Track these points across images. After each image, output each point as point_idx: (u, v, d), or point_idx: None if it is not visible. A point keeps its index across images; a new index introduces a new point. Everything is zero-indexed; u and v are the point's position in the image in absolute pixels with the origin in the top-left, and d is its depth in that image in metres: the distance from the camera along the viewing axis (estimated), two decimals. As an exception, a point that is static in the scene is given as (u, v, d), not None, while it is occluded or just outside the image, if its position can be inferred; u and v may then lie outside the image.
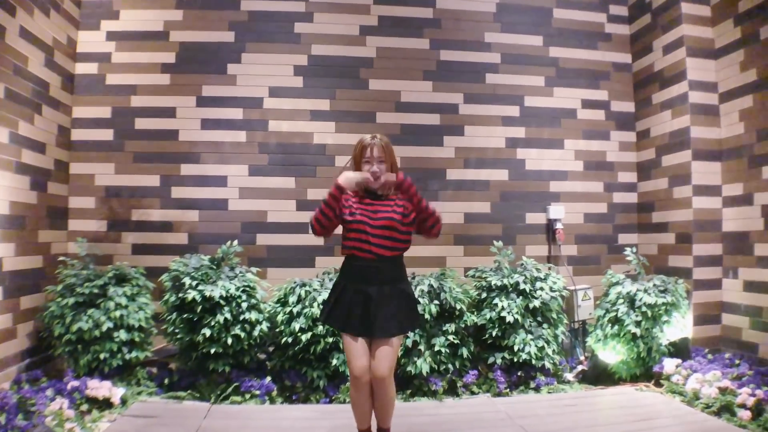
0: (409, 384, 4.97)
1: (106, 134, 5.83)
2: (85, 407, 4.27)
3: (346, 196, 3.45)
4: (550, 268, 5.63)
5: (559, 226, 6.24)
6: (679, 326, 5.28)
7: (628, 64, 6.69)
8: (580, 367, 5.54)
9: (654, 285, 5.32)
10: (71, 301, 4.76)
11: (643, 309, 5.13)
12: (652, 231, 6.39)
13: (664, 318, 5.17)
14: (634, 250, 5.65)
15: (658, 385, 5.14)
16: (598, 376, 5.37)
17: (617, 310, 5.25)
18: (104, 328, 4.70)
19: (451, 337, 4.97)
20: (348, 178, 3.36)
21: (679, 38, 5.92)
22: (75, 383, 4.40)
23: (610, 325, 5.28)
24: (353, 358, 3.30)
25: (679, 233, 5.95)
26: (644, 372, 5.28)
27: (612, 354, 5.26)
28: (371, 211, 3.39)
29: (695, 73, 5.87)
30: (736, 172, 5.67)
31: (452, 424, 4.32)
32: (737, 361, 5.18)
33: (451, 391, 4.99)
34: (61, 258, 5.20)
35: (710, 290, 5.78)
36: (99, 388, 4.40)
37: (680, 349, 5.32)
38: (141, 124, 5.86)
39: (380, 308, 3.31)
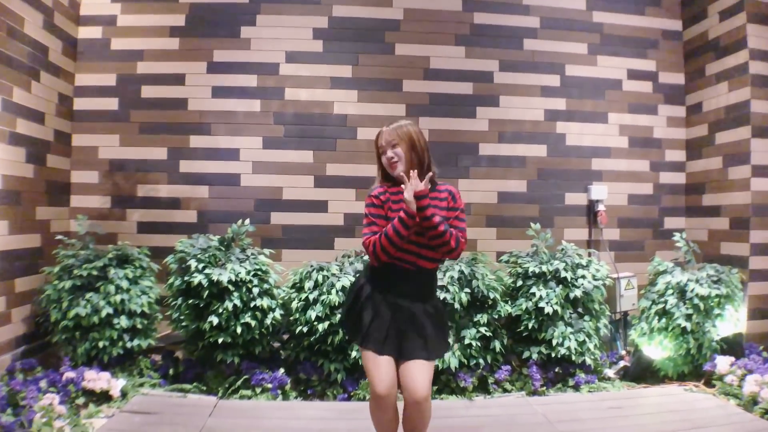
0: (436, 380, 4.54)
1: (111, 103, 5.49)
2: (81, 400, 4.02)
3: (385, 197, 2.93)
4: (590, 254, 5.20)
5: (601, 207, 5.78)
6: (733, 320, 4.91)
7: (678, 32, 6.17)
8: (621, 363, 5.14)
9: (707, 275, 4.91)
10: (68, 284, 4.43)
11: (695, 301, 4.74)
12: (702, 215, 5.91)
13: (717, 311, 4.80)
14: (684, 235, 5.23)
15: (708, 385, 4.75)
16: (642, 373, 5.01)
17: (665, 302, 4.85)
18: (103, 314, 4.38)
19: (483, 329, 4.53)
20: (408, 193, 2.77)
21: (739, 2, 5.42)
22: (71, 374, 4.11)
23: (657, 317, 4.88)
24: (377, 373, 2.78)
25: (735, 218, 5.47)
26: (692, 370, 4.90)
27: (658, 349, 4.88)
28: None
29: (757, 41, 5.35)
30: (801, 150, 5.18)
31: (485, 427, 3.90)
32: (796, 360, 4.76)
33: (482, 387, 4.60)
34: (58, 237, 4.83)
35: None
36: (97, 380, 4.11)
37: (733, 346, 4.94)
38: (148, 92, 5.52)
39: (415, 327, 2.86)
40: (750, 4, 5.36)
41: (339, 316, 4.31)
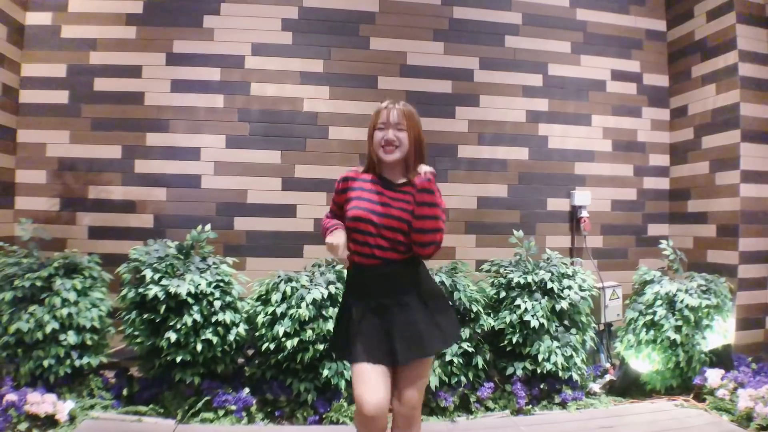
0: (414, 400, 4.25)
1: (61, 96, 5.14)
2: (23, 426, 3.68)
3: (347, 183, 2.80)
4: (573, 263, 4.97)
5: (584, 213, 5.58)
6: (722, 332, 4.78)
7: (662, 32, 6.04)
8: (607, 377, 4.92)
9: (697, 285, 4.76)
10: (9, 295, 4.04)
11: (685, 312, 4.57)
12: (686, 222, 5.75)
13: (707, 323, 4.66)
14: (670, 243, 5.06)
15: (698, 399, 4.61)
16: (628, 387, 4.84)
17: (654, 313, 4.68)
18: (48, 329, 3.99)
19: (464, 345, 4.26)
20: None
21: (728, 2, 5.30)
22: (12, 397, 3.76)
23: (645, 329, 4.69)
24: (366, 391, 2.51)
25: (722, 225, 5.33)
26: (681, 383, 4.75)
27: (646, 363, 4.70)
28: (378, 203, 2.67)
29: (747, 42, 5.24)
30: (792, 156, 5.05)
31: (469, 454, 3.59)
32: (786, 372, 4.65)
33: (464, 406, 4.33)
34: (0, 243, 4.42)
35: (756, 290, 5.20)
36: (41, 402, 3.77)
37: (722, 358, 4.82)
38: (101, 85, 5.16)
39: (406, 323, 2.62)
40: (739, 4, 5.25)
41: (310, 333, 4.00)
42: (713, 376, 4.56)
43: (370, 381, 2.50)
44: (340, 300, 2.87)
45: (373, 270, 2.65)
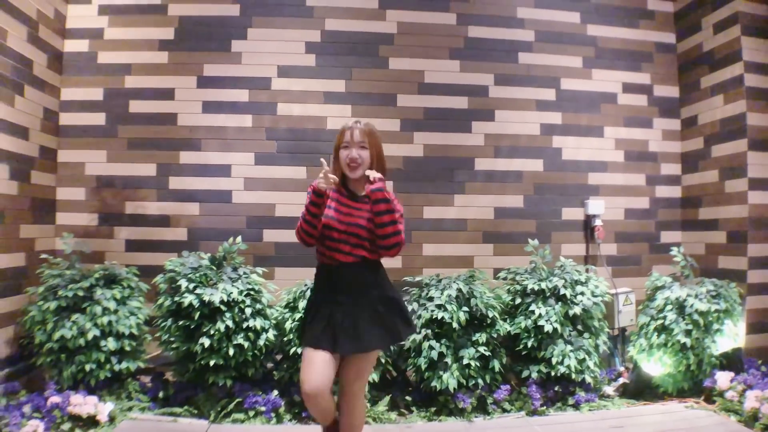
0: (434, 401, 4.47)
1: (98, 118, 5.38)
2: (67, 426, 3.88)
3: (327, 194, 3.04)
4: (588, 270, 5.13)
5: (598, 222, 5.72)
6: (732, 335, 4.87)
7: (672, 45, 6.16)
8: (620, 380, 5.05)
9: (707, 290, 4.86)
10: (53, 305, 4.28)
11: (695, 317, 4.69)
12: (698, 229, 5.86)
13: (717, 327, 4.76)
14: (681, 249, 5.18)
15: (709, 401, 4.71)
16: (641, 390, 4.94)
17: (665, 318, 4.79)
18: (90, 336, 4.22)
19: (481, 349, 4.44)
20: (320, 178, 2.93)
21: (733, 15, 5.41)
22: (56, 399, 3.96)
23: (656, 333, 4.82)
24: (309, 371, 2.81)
25: (732, 231, 5.43)
26: (692, 386, 4.85)
27: (657, 366, 4.82)
28: (342, 213, 3.02)
29: (752, 53, 5.34)
30: (798, 163, 5.15)
31: (486, 451, 3.79)
32: (796, 376, 4.71)
33: (481, 408, 4.49)
34: (43, 256, 4.70)
35: (766, 295, 5.28)
36: (83, 404, 3.97)
37: (732, 361, 4.92)
38: (136, 107, 5.42)
39: (351, 319, 2.90)
40: (744, 16, 5.34)
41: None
42: (723, 379, 4.64)
43: (313, 364, 2.80)
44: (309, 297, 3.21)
45: (333, 270, 2.98)
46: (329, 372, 2.82)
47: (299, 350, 4.23)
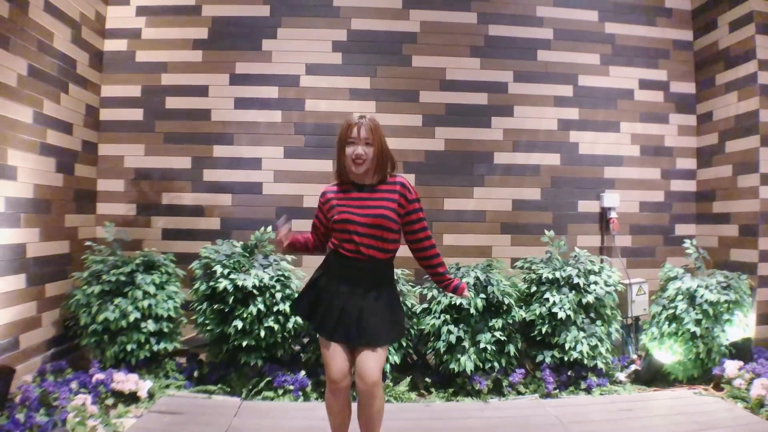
0: (452, 382, 4.70)
1: (136, 114, 5.67)
2: (110, 401, 4.15)
3: (327, 197, 3.14)
4: (602, 260, 5.30)
5: (613, 215, 5.89)
6: (741, 325, 4.98)
7: (689, 42, 6.26)
8: (632, 367, 5.21)
9: (717, 281, 4.99)
10: (97, 289, 4.59)
11: (704, 307, 4.82)
12: (712, 222, 6.00)
13: (726, 317, 4.88)
14: (694, 242, 5.31)
15: (717, 388, 4.84)
16: (652, 377, 5.09)
17: (676, 307, 4.93)
18: (131, 318, 4.53)
19: (497, 334, 4.65)
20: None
21: (748, 14, 5.52)
22: (100, 376, 4.25)
23: (667, 322, 4.96)
24: (332, 360, 2.97)
25: (744, 225, 5.57)
26: (702, 374, 4.99)
27: (668, 354, 4.96)
28: (357, 207, 3.02)
29: (765, 51, 5.46)
30: (809, 159, 5.25)
31: (499, 428, 4.02)
32: (803, 366, 4.83)
33: (496, 390, 4.71)
34: (87, 243, 5.01)
35: None
36: (125, 381, 4.26)
37: (742, 351, 5.02)
38: (172, 103, 5.68)
39: (368, 314, 2.98)
40: (759, 15, 5.44)
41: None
42: (731, 367, 4.77)
43: (335, 351, 2.97)
44: (316, 273, 3.23)
45: (354, 262, 3.00)
46: (349, 357, 2.98)
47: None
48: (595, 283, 4.90)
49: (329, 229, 3.11)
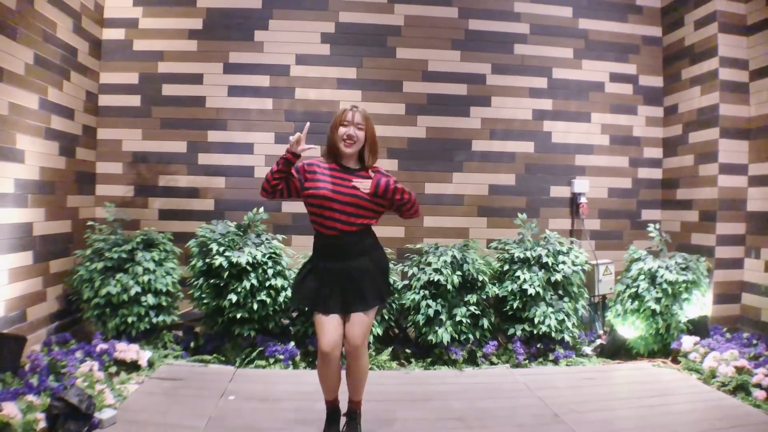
0: (430, 353, 5.07)
1: (134, 100, 5.90)
2: (113, 369, 4.41)
3: (312, 167, 3.36)
4: (572, 242, 5.65)
5: (583, 200, 6.25)
6: (699, 304, 5.32)
7: (658, 38, 6.60)
8: (598, 341, 5.58)
9: (676, 263, 5.34)
10: (100, 265, 4.87)
11: (664, 286, 5.17)
12: (675, 208, 6.37)
13: (684, 296, 5.22)
14: (657, 226, 5.68)
15: (675, 361, 5.20)
16: (617, 350, 5.42)
17: (638, 286, 5.29)
18: (132, 292, 4.82)
19: (472, 308, 5.03)
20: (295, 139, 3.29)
21: (712, 13, 5.82)
22: (104, 346, 4.51)
23: (630, 300, 5.32)
24: (323, 333, 3.24)
25: (703, 211, 5.94)
26: (662, 348, 5.34)
27: (631, 329, 5.32)
28: (339, 185, 3.26)
29: (726, 49, 5.78)
30: (763, 151, 5.61)
31: (472, 392, 4.40)
32: (755, 341, 5.19)
33: (471, 360, 5.08)
34: (89, 223, 5.31)
35: (732, 269, 5.79)
36: (127, 351, 4.53)
37: (699, 327, 5.36)
38: (168, 90, 5.92)
39: (352, 284, 3.26)
40: (721, 14, 5.75)
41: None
42: (688, 342, 5.14)
43: (327, 326, 3.23)
44: (306, 264, 3.47)
45: (332, 239, 3.26)
46: (340, 331, 3.27)
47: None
48: (563, 262, 5.26)
49: (295, 191, 3.34)
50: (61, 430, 3.19)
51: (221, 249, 4.83)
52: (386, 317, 5.10)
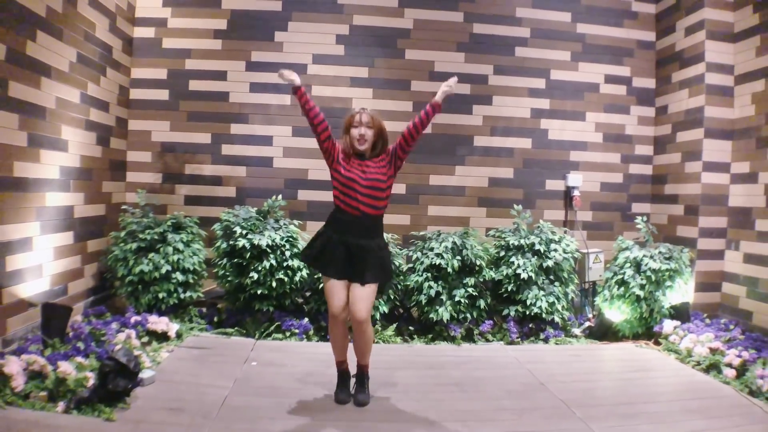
0: (431, 330, 5.52)
1: (163, 94, 6.32)
2: (145, 339, 4.84)
3: (343, 153, 3.81)
4: (565, 232, 6.04)
5: (576, 193, 6.65)
6: (681, 291, 5.69)
7: (652, 42, 6.94)
8: (587, 324, 5.97)
9: (660, 252, 5.72)
10: (133, 246, 5.31)
11: (648, 273, 5.56)
12: (663, 202, 6.76)
13: (668, 283, 5.61)
14: (645, 219, 6.06)
15: (657, 343, 5.59)
16: (604, 332, 5.81)
17: (624, 273, 5.68)
18: (163, 270, 5.27)
19: (470, 290, 5.48)
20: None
21: (701, 21, 6.17)
22: (137, 318, 4.97)
23: (617, 286, 5.71)
24: (333, 297, 3.73)
25: (688, 205, 6.32)
26: (645, 331, 5.73)
27: (617, 313, 5.71)
28: (361, 171, 3.71)
29: (713, 55, 6.13)
30: (744, 151, 5.97)
31: (468, 364, 4.87)
32: (731, 327, 5.57)
33: (469, 337, 5.54)
34: (123, 207, 5.75)
35: (713, 260, 6.17)
36: (158, 322, 4.97)
37: (680, 313, 5.70)
38: (194, 85, 6.33)
39: (361, 258, 3.68)
40: (709, 22, 6.12)
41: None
42: (668, 326, 5.52)
43: (336, 289, 3.73)
44: (320, 230, 3.89)
45: (354, 218, 3.71)
46: (346, 295, 3.71)
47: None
48: (555, 250, 5.68)
49: (328, 153, 3.85)
50: (111, 385, 3.62)
51: (244, 232, 5.29)
52: (392, 297, 5.55)
